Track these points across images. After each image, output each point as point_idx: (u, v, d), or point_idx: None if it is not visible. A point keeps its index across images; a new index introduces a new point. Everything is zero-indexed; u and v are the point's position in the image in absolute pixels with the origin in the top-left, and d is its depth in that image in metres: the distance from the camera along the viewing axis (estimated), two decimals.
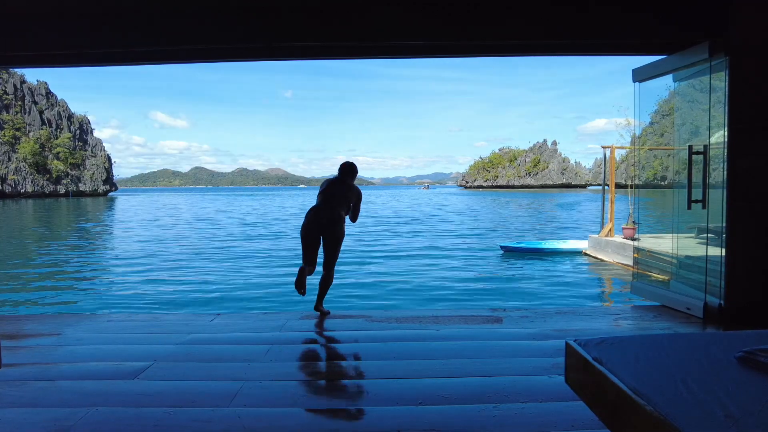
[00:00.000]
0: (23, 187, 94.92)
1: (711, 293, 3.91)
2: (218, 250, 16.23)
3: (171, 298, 9.28)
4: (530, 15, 3.82)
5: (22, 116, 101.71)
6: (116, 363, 3.04)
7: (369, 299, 9.01)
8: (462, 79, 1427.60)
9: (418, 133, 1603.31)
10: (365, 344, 3.44)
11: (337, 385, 2.76)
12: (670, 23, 3.82)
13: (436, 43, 3.95)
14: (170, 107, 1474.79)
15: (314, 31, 3.84)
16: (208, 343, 3.48)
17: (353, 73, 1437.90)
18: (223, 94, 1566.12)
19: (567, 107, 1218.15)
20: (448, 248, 16.23)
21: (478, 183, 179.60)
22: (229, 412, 2.37)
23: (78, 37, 3.85)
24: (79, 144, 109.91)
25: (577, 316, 4.20)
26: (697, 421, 1.08)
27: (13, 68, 79.95)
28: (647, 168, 29.21)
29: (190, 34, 3.86)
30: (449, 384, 2.68)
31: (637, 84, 4.58)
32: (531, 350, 3.23)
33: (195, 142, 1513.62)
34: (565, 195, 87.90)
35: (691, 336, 1.86)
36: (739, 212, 3.66)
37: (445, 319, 3.97)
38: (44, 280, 11.60)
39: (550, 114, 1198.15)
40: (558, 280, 10.85)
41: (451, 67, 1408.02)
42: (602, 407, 1.39)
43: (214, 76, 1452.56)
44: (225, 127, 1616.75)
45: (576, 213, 36.03)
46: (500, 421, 2.26)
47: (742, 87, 3.61)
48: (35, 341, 3.55)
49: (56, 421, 2.28)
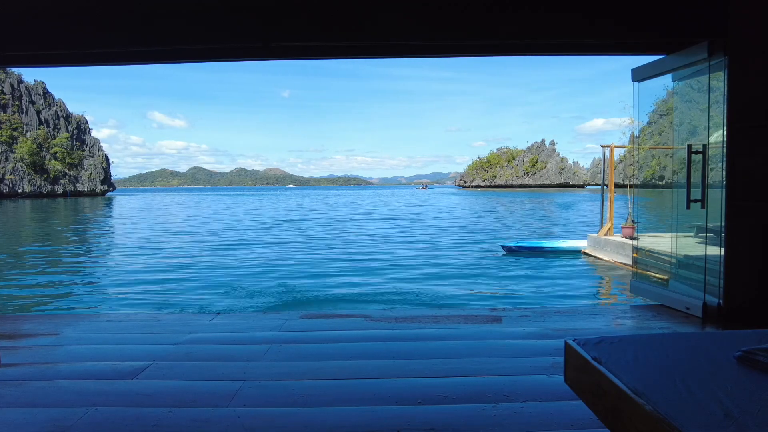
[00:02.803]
0: (20, 187, 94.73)
1: (710, 293, 3.92)
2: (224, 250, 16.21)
3: (170, 298, 9.27)
4: (529, 14, 3.82)
5: (20, 116, 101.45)
6: (115, 363, 3.03)
7: (369, 299, 9.01)
8: (460, 79, 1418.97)
9: (417, 133, 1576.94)
10: (364, 344, 3.43)
11: (336, 384, 2.76)
12: (669, 23, 3.83)
13: (436, 42, 3.95)
14: (168, 107, 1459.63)
15: (313, 31, 3.84)
16: (207, 342, 3.48)
17: (351, 73, 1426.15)
18: (221, 93, 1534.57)
19: (565, 107, 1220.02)
20: (448, 249, 16.23)
21: (476, 183, 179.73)
22: (229, 411, 2.37)
23: (76, 36, 3.84)
24: (77, 144, 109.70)
25: (576, 315, 4.20)
26: (696, 421, 1.08)
27: (10, 68, 79.84)
28: (645, 168, 29.25)
29: (188, 34, 3.85)
30: (448, 383, 2.68)
31: (636, 84, 4.59)
32: (530, 350, 3.23)
33: (193, 142, 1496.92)
34: (564, 195, 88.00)
35: (690, 335, 1.86)
36: (738, 211, 3.67)
37: (445, 319, 3.97)
38: (42, 279, 11.58)
39: (549, 114, 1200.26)
40: (557, 279, 10.87)
41: (450, 67, 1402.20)
42: (601, 407, 1.39)
43: (213, 75, 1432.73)
44: (223, 127, 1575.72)
45: (572, 213, 36.05)
46: (499, 420, 2.26)
47: (741, 86, 3.62)
48: (33, 341, 3.54)
49: (55, 421, 2.28)
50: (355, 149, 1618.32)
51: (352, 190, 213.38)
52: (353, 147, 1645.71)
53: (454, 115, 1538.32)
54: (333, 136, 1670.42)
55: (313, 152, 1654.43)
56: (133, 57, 4.14)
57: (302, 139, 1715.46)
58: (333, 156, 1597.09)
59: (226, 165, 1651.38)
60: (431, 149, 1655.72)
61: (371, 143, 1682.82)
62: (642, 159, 21.92)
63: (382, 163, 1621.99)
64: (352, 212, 38.96)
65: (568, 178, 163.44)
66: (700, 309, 3.88)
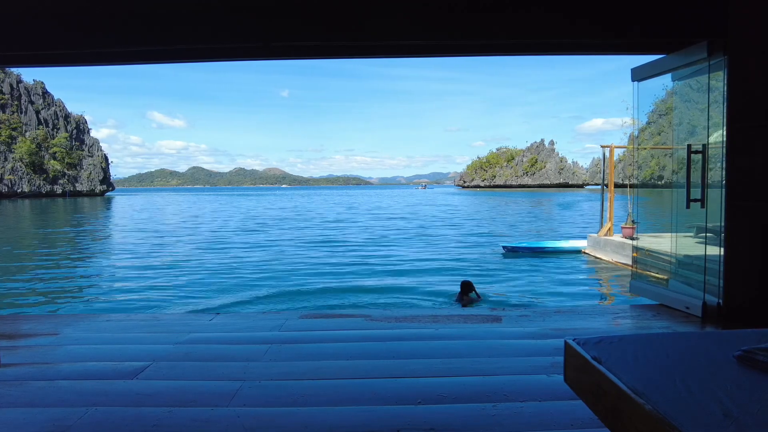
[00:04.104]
0: (20, 187, 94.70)
1: (710, 292, 3.92)
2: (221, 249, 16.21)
3: (170, 298, 9.27)
4: (529, 15, 3.83)
5: (19, 116, 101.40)
6: (115, 363, 3.03)
7: (368, 299, 9.01)
8: (460, 79, 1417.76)
9: (416, 133, 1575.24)
10: (364, 343, 3.43)
11: (336, 384, 2.76)
12: (669, 23, 3.83)
13: (435, 42, 3.95)
14: (167, 107, 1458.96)
15: (313, 31, 3.84)
16: (207, 342, 3.48)
17: (350, 72, 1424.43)
18: (220, 93, 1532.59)
19: (565, 107, 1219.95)
20: (449, 248, 16.24)
21: (475, 183, 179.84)
22: (229, 411, 2.37)
23: (76, 36, 3.84)
24: (76, 144, 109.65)
25: (576, 315, 4.20)
26: (695, 420, 1.08)
27: (10, 68, 79.56)
28: (644, 168, 29.28)
29: (188, 34, 3.85)
30: (448, 383, 2.68)
31: (636, 83, 4.59)
32: (530, 349, 3.23)
33: (192, 141, 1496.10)
34: (564, 194, 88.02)
35: (689, 335, 1.86)
36: (738, 211, 3.67)
37: (444, 319, 3.97)
38: (42, 279, 11.58)
39: (548, 114, 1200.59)
40: (557, 279, 10.87)
41: (449, 67, 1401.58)
42: (601, 406, 1.39)
43: (212, 75, 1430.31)
44: (222, 127, 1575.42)
45: (570, 212, 36.06)
46: (499, 420, 2.26)
47: (740, 86, 3.62)
48: (33, 341, 3.54)
49: (55, 421, 2.28)
50: (354, 149, 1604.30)
51: (351, 190, 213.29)
52: (353, 147, 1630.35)
53: (453, 115, 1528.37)
54: (332, 135, 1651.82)
55: (312, 152, 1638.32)
56: (133, 57, 4.14)
57: (302, 139, 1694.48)
58: (332, 156, 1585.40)
59: (226, 165, 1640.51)
60: (431, 149, 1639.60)
61: (371, 143, 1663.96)
62: (641, 159, 21.94)
63: (381, 162, 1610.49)
64: (351, 212, 38.98)
65: (567, 178, 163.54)
66: (699, 309, 3.89)
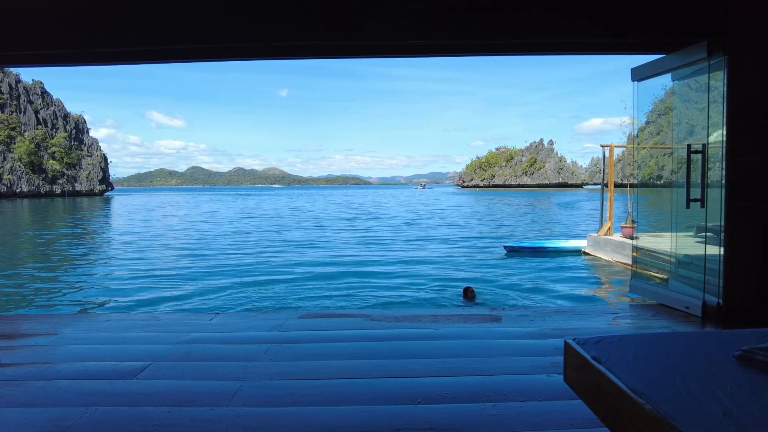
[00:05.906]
0: (18, 187, 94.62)
1: (710, 292, 3.92)
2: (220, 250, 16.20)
3: (170, 297, 9.26)
4: (529, 14, 3.83)
5: (18, 116, 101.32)
6: (115, 362, 3.03)
7: (367, 298, 9.01)
8: (458, 78, 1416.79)
9: (416, 133, 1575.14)
10: (364, 343, 3.43)
11: (336, 384, 2.76)
12: (669, 23, 3.83)
13: (435, 42, 3.95)
14: (167, 107, 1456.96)
15: (313, 31, 3.84)
16: (207, 342, 3.48)
17: (349, 72, 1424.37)
18: (219, 93, 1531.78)
19: (564, 107, 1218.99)
20: (448, 249, 16.24)
21: (474, 182, 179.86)
22: (228, 411, 2.37)
23: (76, 36, 3.84)
24: (75, 144, 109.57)
25: (575, 315, 4.20)
26: (695, 420, 1.08)
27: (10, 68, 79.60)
28: (643, 167, 29.28)
29: (188, 34, 3.85)
30: (448, 383, 2.68)
31: (635, 83, 4.60)
32: (530, 349, 3.23)
33: (192, 141, 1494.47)
34: (563, 194, 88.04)
35: (689, 335, 1.86)
36: (738, 211, 3.67)
37: (444, 319, 3.98)
38: (41, 279, 11.57)
39: (547, 113, 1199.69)
40: (557, 278, 10.87)
41: (448, 67, 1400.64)
42: (601, 406, 1.39)
43: (211, 75, 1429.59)
44: (222, 127, 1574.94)
45: (568, 212, 36.07)
46: (499, 420, 2.26)
47: (740, 86, 3.62)
48: (33, 341, 3.54)
49: (55, 421, 2.28)
50: (353, 149, 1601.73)
51: (350, 190, 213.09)
52: (352, 147, 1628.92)
53: (452, 115, 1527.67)
54: (331, 135, 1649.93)
55: (311, 152, 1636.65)
56: (133, 57, 4.14)
57: (301, 139, 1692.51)
58: (332, 156, 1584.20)
59: (225, 165, 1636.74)
60: (430, 149, 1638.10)
61: (370, 143, 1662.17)
62: (640, 159, 21.96)
63: (381, 162, 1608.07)
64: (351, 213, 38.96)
65: (566, 178, 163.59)
66: (699, 308, 3.89)
